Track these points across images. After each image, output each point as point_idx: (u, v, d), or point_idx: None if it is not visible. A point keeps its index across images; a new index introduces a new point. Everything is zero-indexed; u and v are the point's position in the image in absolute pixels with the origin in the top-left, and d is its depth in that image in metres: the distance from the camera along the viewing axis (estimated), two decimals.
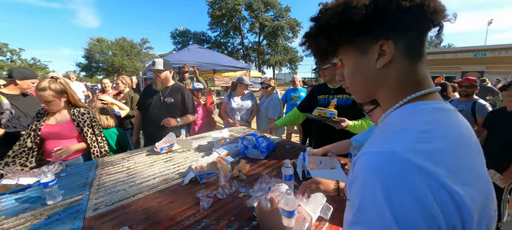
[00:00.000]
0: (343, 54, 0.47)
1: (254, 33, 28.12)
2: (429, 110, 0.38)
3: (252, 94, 3.00)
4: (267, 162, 1.53)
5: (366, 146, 0.42)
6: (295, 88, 3.83)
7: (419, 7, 0.37)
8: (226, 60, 7.13)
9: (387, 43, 0.39)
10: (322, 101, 1.79)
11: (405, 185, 0.30)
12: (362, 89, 0.48)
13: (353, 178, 0.38)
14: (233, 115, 2.85)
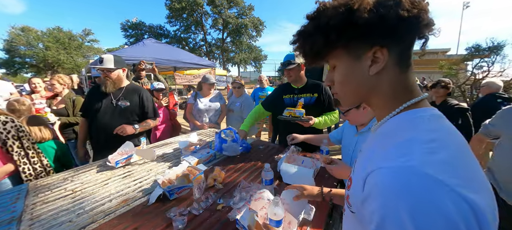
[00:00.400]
0: (335, 58, 0.46)
1: (218, 30, 27.33)
2: (428, 118, 0.39)
3: (220, 94, 2.87)
4: (243, 165, 1.47)
5: (372, 155, 0.41)
6: (262, 88, 3.84)
7: (416, 18, 0.37)
8: (188, 56, 6.69)
9: (382, 51, 0.40)
10: (288, 101, 1.86)
11: (430, 203, 0.29)
12: (353, 95, 0.47)
13: (367, 194, 0.36)
14: (200, 117, 2.67)
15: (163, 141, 2.00)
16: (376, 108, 0.47)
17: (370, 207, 0.35)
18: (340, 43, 0.42)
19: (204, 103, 2.68)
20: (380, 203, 0.33)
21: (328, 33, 0.41)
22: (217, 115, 2.77)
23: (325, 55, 0.46)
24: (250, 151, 1.75)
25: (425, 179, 0.30)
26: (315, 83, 1.85)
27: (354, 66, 0.43)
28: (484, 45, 8.68)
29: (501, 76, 8.04)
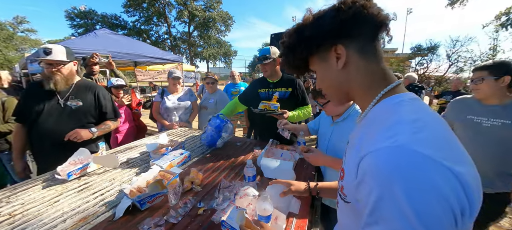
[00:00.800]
0: (313, 65, 0.55)
1: (183, 23, 25.68)
2: (408, 102, 0.43)
3: (190, 90, 2.70)
4: (222, 164, 1.41)
5: (362, 143, 0.42)
6: (234, 83, 3.77)
7: (355, 15, 0.44)
8: (151, 50, 6.12)
9: (339, 47, 0.47)
10: (264, 95, 1.89)
11: (421, 177, 0.31)
12: (334, 91, 0.54)
13: (361, 178, 0.38)
14: (168, 116, 2.47)
15: (127, 145, 1.79)
16: (358, 100, 0.52)
17: (364, 190, 0.36)
18: (305, 54, 0.52)
19: (172, 101, 2.48)
20: (375, 184, 0.34)
21: (293, 49, 0.53)
22: (187, 113, 2.59)
23: (304, 66, 0.56)
24: (227, 148, 1.69)
25: (414, 156, 0.32)
26: (290, 78, 1.88)
27: (325, 66, 0.52)
28: (424, 46, 10.19)
29: (436, 71, 9.56)
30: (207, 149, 1.69)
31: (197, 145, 1.78)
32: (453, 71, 10.31)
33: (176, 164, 1.36)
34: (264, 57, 1.76)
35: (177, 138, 1.97)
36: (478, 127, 1.35)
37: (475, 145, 1.33)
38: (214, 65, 30.86)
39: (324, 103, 1.24)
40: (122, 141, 2.37)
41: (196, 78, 13.45)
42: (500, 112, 1.30)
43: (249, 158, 1.52)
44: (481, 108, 1.37)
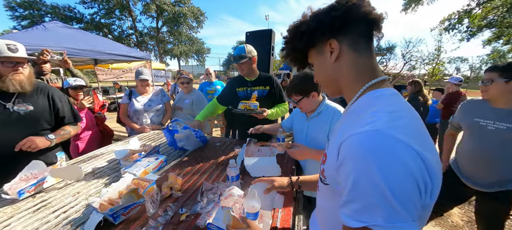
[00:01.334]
0: (311, 58, 0.60)
1: (151, 17, 23.88)
2: (389, 96, 0.48)
3: (162, 90, 2.52)
4: (202, 166, 1.36)
5: (344, 130, 0.47)
6: (210, 82, 3.66)
7: (347, 11, 0.49)
8: (114, 47, 5.55)
9: (333, 42, 0.52)
10: (242, 94, 1.89)
11: (393, 157, 0.36)
12: (328, 82, 0.59)
13: (341, 160, 0.42)
14: (138, 119, 2.28)
15: (91, 153, 1.61)
16: (347, 92, 0.56)
17: (344, 172, 0.41)
18: (305, 47, 0.57)
19: (142, 102, 2.29)
20: (353, 164, 0.39)
21: (293, 43, 0.58)
22: (160, 114, 2.42)
23: (303, 59, 0.61)
24: (206, 149, 1.64)
25: (389, 139, 0.37)
26: (267, 76, 1.90)
27: (321, 59, 0.56)
28: (383, 46, 11.36)
29: (394, 69, 10.75)
30: (184, 152, 1.61)
31: (173, 148, 1.69)
32: (407, 69, 11.73)
33: (151, 170, 1.27)
34: (240, 56, 1.74)
35: (150, 142, 1.85)
36: (483, 130, 1.33)
37: (480, 147, 1.34)
38: (186, 63, 29.50)
39: (298, 100, 1.28)
40: (84, 149, 2.12)
41: (167, 77, 12.70)
42: (506, 116, 1.26)
43: (231, 157, 1.50)
44: (488, 111, 1.34)
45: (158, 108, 2.37)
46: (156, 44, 24.84)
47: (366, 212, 0.37)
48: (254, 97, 1.77)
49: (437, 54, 11.28)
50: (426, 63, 11.76)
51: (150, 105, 2.32)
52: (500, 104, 1.30)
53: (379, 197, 0.35)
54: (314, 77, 0.63)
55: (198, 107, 2.48)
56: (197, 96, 2.57)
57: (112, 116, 6.90)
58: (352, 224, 0.39)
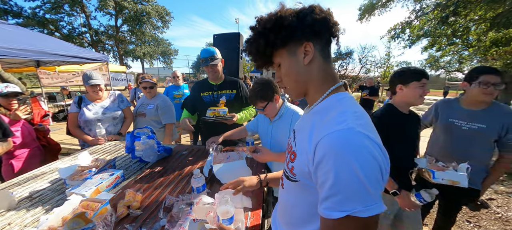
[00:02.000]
0: (279, 57, 0.58)
1: (108, 15, 21.59)
2: (349, 99, 0.56)
3: (121, 95, 2.25)
4: (166, 178, 1.28)
5: (316, 129, 0.52)
6: (177, 85, 3.48)
7: (325, 19, 0.53)
8: (62, 46, 4.85)
9: (309, 45, 0.54)
10: (208, 99, 1.83)
11: (365, 149, 0.43)
12: (296, 85, 0.59)
13: (320, 158, 0.46)
14: (90, 130, 2.02)
15: (30, 173, 1.37)
16: (312, 93, 0.60)
17: (325, 168, 0.45)
18: (278, 43, 0.54)
19: (94, 110, 2.02)
20: (334, 160, 0.43)
21: (267, 35, 0.54)
22: (117, 123, 2.16)
23: (270, 57, 0.59)
24: (171, 159, 1.54)
25: (359, 135, 0.44)
26: (233, 80, 1.89)
27: (293, 60, 0.57)
28: (343, 51, 12.53)
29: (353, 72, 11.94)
30: (145, 164, 1.49)
31: (133, 161, 1.54)
32: (363, 72, 13.14)
33: (105, 188, 1.14)
34: (213, 57, 1.69)
35: (105, 156, 1.66)
36: (458, 130, 1.41)
37: (454, 144, 1.44)
38: (151, 65, 27.46)
39: (264, 106, 1.31)
40: (21, 168, 1.78)
41: (129, 80, 11.67)
42: (478, 117, 1.36)
43: (199, 166, 1.44)
44: (461, 112, 1.42)
45: (115, 116, 2.11)
46: (115, 45, 22.57)
47: (348, 201, 0.42)
48: (223, 103, 1.74)
49: (387, 59, 12.94)
50: (379, 67, 13.38)
51: (104, 113, 2.05)
52: (473, 106, 1.39)
53: (359, 185, 0.41)
54: (280, 78, 0.62)
55: (164, 112, 2.31)
56: (162, 101, 2.35)
57: (61, 126, 6.00)
58: (335, 216, 0.43)
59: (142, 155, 1.34)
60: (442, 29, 5.29)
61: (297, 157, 0.56)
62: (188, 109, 1.89)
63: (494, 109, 1.35)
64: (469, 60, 10.26)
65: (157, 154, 1.42)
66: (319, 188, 0.47)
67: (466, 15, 4.58)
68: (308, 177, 0.52)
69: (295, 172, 0.57)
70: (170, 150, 1.58)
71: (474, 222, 2.37)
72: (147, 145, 1.34)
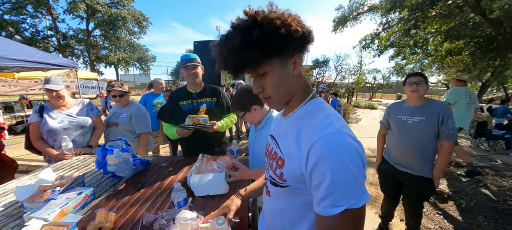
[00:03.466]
0: (269, 66, 0.55)
1: (79, 18, 20.07)
2: (325, 104, 0.61)
3: (90, 103, 2.07)
4: (143, 193, 1.20)
5: (304, 135, 0.55)
6: (156, 93, 3.33)
7: (309, 33, 0.55)
8: (22, 51, 4.38)
9: (299, 57, 0.57)
10: (187, 107, 1.76)
11: (352, 148, 0.48)
12: (285, 95, 0.60)
13: (316, 161, 0.49)
14: (55, 141, 1.83)
15: None
16: (293, 101, 0.62)
17: (321, 169, 0.48)
18: (278, 52, 0.52)
19: (59, 118, 1.83)
20: (330, 161, 0.47)
21: (265, 43, 0.49)
22: (87, 133, 1.98)
23: (257, 64, 0.53)
24: (149, 172, 1.45)
25: (345, 135, 0.50)
26: (212, 88, 1.86)
27: (284, 71, 0.56)
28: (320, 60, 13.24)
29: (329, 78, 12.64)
30: (120, 179, 1.38)
31: (105, 176, 1.43)
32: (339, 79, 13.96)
33: (72, 210, 1.04)
34: (194, 59, 1.66)
35: (72, 172, 1.51)
36: (405, 124, 1.68)
37: (402, 138, 1.69)
38: (126, 72, 25.97)
39: (242, 116, 1.31)
40: None
41: (101, 88, 10.90)
42: (418, 111, 1.62)
43: (178, 179, 1.38)
44: (406, 109, 1.70)
45: (83, 125, 1.93)
46: (86, 50, 21.02)
47: (344, 197, 0.46)
48: (203, 111, 1.70)
49: (359, 67, 13.92)
50: (353, 74, 14.32)
51: (71, 122, 1.87)
52: (415, 103, 1.67)
53: (352, 181, 0.46)
54: (263, 88, 0.58)
55: (138, 121, 2.17)
56: (136, 109, 2.20)
57: (19, 139, 5.35)
58: (333, 212, 0.47)
59: (116, 169, 1.25)
60: (405, 40, 5.87)
61: (286, 162, 0.58)
62: (168, 120, 1.79)
63: (431, 104, 1.62)
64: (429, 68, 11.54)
65: (133, 168, 1.33)
66: (314, 189, 0.50)
67: (425, 28, 5.16)
68: (300, 181, 0.55)
69: (286, 178, 0.58)
70: (147, 162, 1.50)
71: (443, 214, 2.59)
72: (121, 159, 1.25)
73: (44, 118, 1.79)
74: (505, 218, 2.49)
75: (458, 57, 6.16)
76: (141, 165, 1.40)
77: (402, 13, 5.08)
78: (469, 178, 3.53)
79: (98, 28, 20.78)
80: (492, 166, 4.09)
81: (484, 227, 2.35)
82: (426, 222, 2.44)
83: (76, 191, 1.14)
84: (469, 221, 2.45)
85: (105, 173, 1.32)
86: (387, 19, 5.90)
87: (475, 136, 5.54)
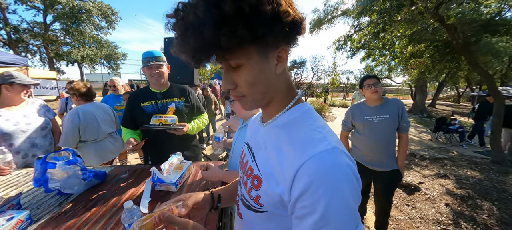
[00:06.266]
0: (244, 56, 0.40)
1: (34, 9, 17.73)
2: (312, 110, 0.49)
3: (45, 105, 1.83)
4: (94, 213, 1.02)
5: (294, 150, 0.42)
6: (117, 95, 3.03)
7: (301, 21, 0.41)
8: None
9: (284, 50, 0.43)
10: (150, 109, 1.57)
11: (351, 173, 0.38)
12: (262, 97, 0.46)
13: (306, 186, 0.37)
14: (11, 145, 1.55)
15: None
16: (274, 105, 0.50)
17: (312, 197, 0.36)
18: (254, 37, 0.36)
19: (14, 120, 1.56)
20: (325, 187, 0.36)
21: (238, 25, 0.34)
22: (47, 134, 1.75)
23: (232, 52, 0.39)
24: (105, 186, 1.26)
25: (342, 155, 0.40)
26: (180, 87, 1.71)
27: (264, 66, 0.42)
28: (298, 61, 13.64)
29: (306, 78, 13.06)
30: (68, 196, 1.17)
31: (50, 194, 1.20)
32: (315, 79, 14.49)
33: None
34: (158, 58, 1.50)
35: (9, 190, 1.25)
36: (371, 124, 1.75)
37: (371, 137, 1.75)
38: (92, 71, 23.74)
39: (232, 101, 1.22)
40: None
41: (61, 88, 9.80)
42: (381, 110, 1.72)
43: (140, 191, 1.21)
44: (369, 109, 1.77)
45: (43, 127, 1.71)
46: (44, 45, 18.72)
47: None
48: (171, 111, 1.55)
49: (334, 67, 14.59)
50: (328, 74, 14.95)
51: (29, 123, 1.62)
52: (375, 103, 1.77)
53: (348, 215, 0.36)
54: (236, 84, 0.45)
55: (106, 122, 1.97)
56: (99, 108, 2.02)
57: None
58: None
59: (61, 186, 1.05)
60: (375, 43, 6.26)
61: (264, 183, 0.46)
62: (128, 125, 1.59)
63: (388, 102, 1.75)
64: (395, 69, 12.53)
65: (84, 183, 1.13)
66: (297, 219, 0.39)
67: (391, 31, 5.55)
68: (280, 206, 0.43)
69: (262, 202, 0.46)
70: (103, 174, 1.30)
71: (411, 205, 2.77)
72: (68, 173, 1.05)
73: None
74: (462, 204, 2.75)
75: (420, 59, 6.75)
76: (95, 178, 1.21)
77: (371, 17, 5.39)
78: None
79: (58, 21, 18.65)
80: (449, 157, 4.54)
81: (446, 214, 2.56)
82: (397, 213, 2.59)
83: (6, 216, 0.92)
84: (433, 210, 2.65)
85: (46, 191, 1.10)
86: (359, 22, 6.22)
87: (434, 130, 6.13)
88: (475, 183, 3.32)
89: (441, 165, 4.10)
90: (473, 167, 3.99)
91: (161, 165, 1.20)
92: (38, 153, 1.67)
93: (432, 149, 5.33)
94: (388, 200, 1.89)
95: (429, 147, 5.58)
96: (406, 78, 15.01)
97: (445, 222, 2.44)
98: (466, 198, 2.89)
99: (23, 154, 1.61)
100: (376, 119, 1.74)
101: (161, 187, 1.17)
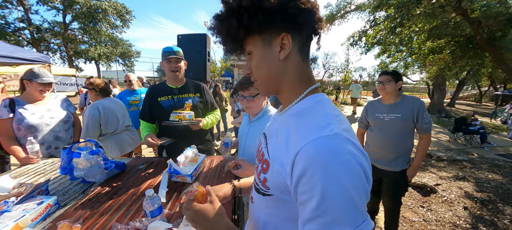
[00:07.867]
0: (251, 45, 0.50)
1: (54, 9, 18.64)
2: (327, 101, 0.50)
3: (66, 99, 1.93)
4: (117, 200, 1.08)
5: (294, 135, 0.44)
6: (132, 90, 3.14)
7: (310, 11, 0.46)
8: None
9: (287, 37, 0.46)
10: (167, 104, 1.64)
11: (354, 159, 0.37)
12: (267, 80, 0.51)
13: (302, 171, 0.38)
14: (36, 138, 1.64)
15: None
16: (285, 93, 0.53)
17: (310, 183, 0.37)
18: (253, 27, 0.45)
19: (38, 114, 1.66)
20: (321, 172, 0.36)
21: (241, 15, 0.44)
22: (69, 128, 1.85)
23: (241, 41, 0.49)
24: (125, 176, 1.32)
25: (347, 142, 0.39)
26: (195, 83, 1.76)
27: (267, 51, 0.48)
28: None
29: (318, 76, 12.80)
30: (90, 185, 1.24)
31: (74, 182, 1.27)
32: (327, 76, 14.20)
33: (30, 223, 0.90)
34: (177, 52, 1.55)
35: (37, 178, 1.35)
36: (382, 122, 1.73)
37: (382, 135, 1.73)
38: (108, 68, 24.73)
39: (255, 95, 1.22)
40: None
41: (80, 84, 10.27)
42: (394, 108, 1.68)
43: (156, 183, 1.26)
44: (382, 107, 1.75)
45: (65, 120, 1.81)
46: (63, 44, 19.69)
47: (336, 223, 0.35)
48: (189, 106, 1.60)
49: (346, 64, 14.20)
50: (340, 72, 14.59)
51: (53, 117, 1.73)
52: (389, 101, 1.73)
53: (349, 203, 0.35)
54: (251, 70, 0.53)
55: (121, 117, 2.06)
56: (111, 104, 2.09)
57: None
58: None
59: (85, 174, 1.11)
60: (391, 38, 6.01)
61: (271, 167, 0.48)
62: (147, 118, 1.67)
63: (404, 101, 1.68)
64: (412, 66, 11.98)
65: (105, 172, 1.20)
66: (300, 205, 0.39)
67: (409, 26, 5.30)
68: (285, 192, 0.44)
69: (269, 185, 0.48)
70: (123, 165, 1.36)
71: (426, 207, 2.67)
72: (91, 162, 1.11)
73: (18, 113, 1.60)
74: (482, 208, 2.61)
75: (439, 55, 6.42)
76: (115, 168, 1.27)
77: (388, 11, 5.18)
78: None
79: (76, 20, 19.55)
80: (469, 159, 4.31)
81: (464, 218, 2.45)
82: (411, 215, 2.50)
83: (36, 200, 1.00)
84: (450, 213, 2.54)
85: (72, 179, 1.18)
86: (374, 16, 6.00)
87: (453, 130, 5.83)
88: (497, 186, 3.14)
89: (460, 167, 3.91)
90: (495, 170, 3.77)
91: (177, 157, 1.24)
92: (61, 145, 1.78)
93: (450, 150, 5.09)
94: (394, 201, 1.84)
95: (447, 148, 5.33)
96: (423, 76, 14.33)
97: (462, 225, 2.34)
98: (487, 202, 2.74)
99: (47, 145, 1.72)
100: (387, 117, 1.71)
101: (177, 178, 1.22)
